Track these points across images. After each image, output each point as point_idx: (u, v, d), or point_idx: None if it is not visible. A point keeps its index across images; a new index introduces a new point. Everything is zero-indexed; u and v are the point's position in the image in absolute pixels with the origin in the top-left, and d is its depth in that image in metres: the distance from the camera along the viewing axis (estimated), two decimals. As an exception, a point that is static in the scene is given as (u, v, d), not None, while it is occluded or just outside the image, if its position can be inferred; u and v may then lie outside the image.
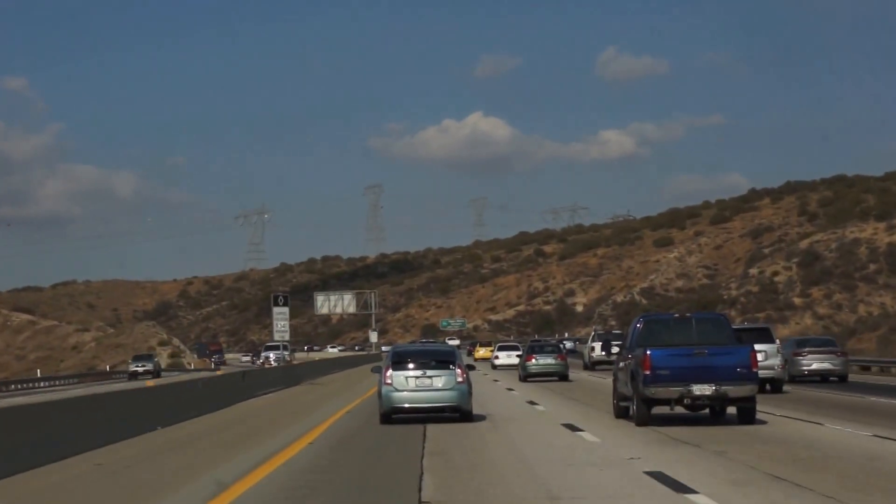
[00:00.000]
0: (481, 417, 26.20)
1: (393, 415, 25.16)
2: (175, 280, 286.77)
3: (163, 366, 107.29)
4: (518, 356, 63.42)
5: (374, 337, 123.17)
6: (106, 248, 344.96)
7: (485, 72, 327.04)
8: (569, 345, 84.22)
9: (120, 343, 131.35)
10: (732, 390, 23.23)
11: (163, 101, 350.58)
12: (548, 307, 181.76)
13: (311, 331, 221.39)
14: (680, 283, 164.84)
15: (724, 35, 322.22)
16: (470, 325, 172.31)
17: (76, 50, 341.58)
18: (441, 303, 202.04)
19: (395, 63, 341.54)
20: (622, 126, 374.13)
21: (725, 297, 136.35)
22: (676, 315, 26.26)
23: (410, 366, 25.42)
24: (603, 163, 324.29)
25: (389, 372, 25.30)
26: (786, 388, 37.64)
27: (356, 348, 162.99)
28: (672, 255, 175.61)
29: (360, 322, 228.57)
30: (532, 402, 32.74)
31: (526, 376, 51.09)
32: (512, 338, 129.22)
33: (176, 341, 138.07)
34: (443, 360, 25.63)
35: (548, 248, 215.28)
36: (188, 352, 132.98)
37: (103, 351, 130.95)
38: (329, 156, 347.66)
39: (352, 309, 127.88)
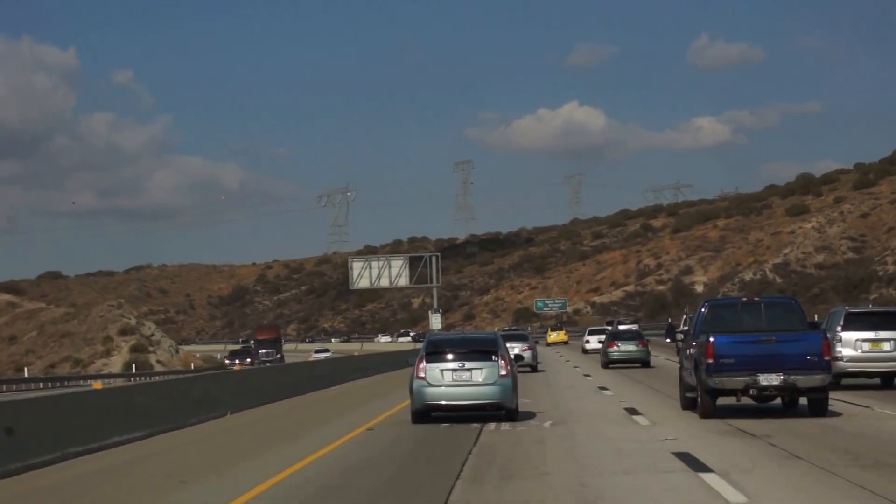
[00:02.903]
0: (530, 415, 23.65)
1: (427, 413, 22.66)
2: (254, 264, 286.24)
3: (118, 365, 73.63)
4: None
5: (435, 321, 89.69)
6: (186, 232, 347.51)
7: (579, 60, 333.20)
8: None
9: (69, 331, 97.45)
10: (801, 380, 21.81)
11: (265, 91, 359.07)
12: (661, 287, 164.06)
13: (390, 317, 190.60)
14: (820, 258, 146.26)
15: (819, 19, 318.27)
16: (569, 309, 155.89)
17: (179, 42, 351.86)
18: (536, 283, 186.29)
19: (490, 53, 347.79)
20: (716, 114, 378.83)
21: (881, 272, 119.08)
22: (744, 299, 24.89)
23: (447, 357, 22.62)
24: (697, 150, 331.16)
25: (423, 364, 22.58)
26: None
27: (414, 337, 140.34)
28: (809, 226, 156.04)
29: (441, 305, 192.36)
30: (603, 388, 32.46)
31: (608, 363, 50.77)
32: (623, 320, 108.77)
33: (151, 328, 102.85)
34: (484, 351, 22.77)
35: (656, 223, 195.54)
36: (173, 344, 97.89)
37: (44, 343, 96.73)
38: (423, 145, 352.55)
39: (403, 280, 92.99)
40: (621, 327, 75.01)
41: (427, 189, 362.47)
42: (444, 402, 22.51)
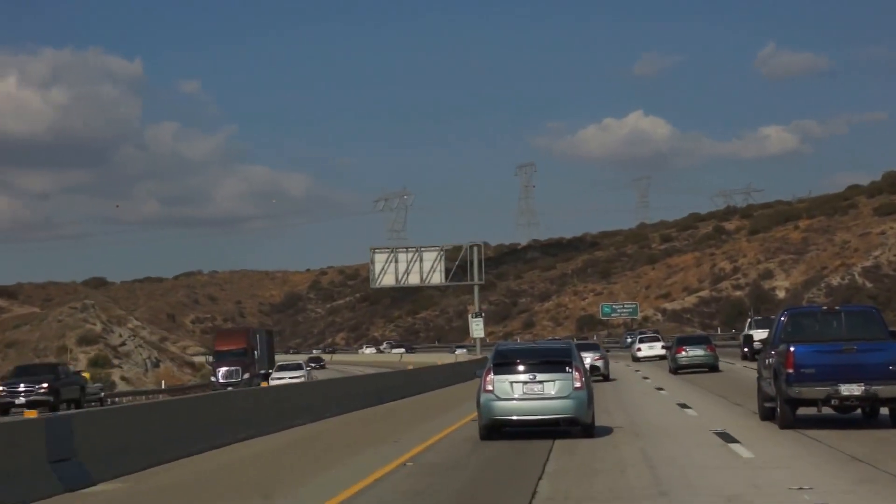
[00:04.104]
0: (607, 430, 23.11)
1: (496, 428, 21.89)
2: (308, 270, 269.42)
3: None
4: (663, 347, 67.36)
5: (476, 328, 74.73)
6: (246, 240, 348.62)
7: (644, 70, 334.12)
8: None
9: (17, 339, 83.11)
10: (883, 390, 21.70)
11: (330, 99, 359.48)
12: (739, 293, 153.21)
13: (444, 325, 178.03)
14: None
15: (885, 27, 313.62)
16: (639, 315, 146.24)
17: (244, 52, 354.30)
18: (601, 288, 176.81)
19: (556, 62, 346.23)
20: (783, 123, 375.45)
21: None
22: (824, 308, 24.49)
23: (517, 368, 21.72)
24: (763, 160, 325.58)
25: (490, 376, 21.73)
26: None
27: (455, 350, 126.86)
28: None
29: (499, 312, 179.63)
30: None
31: (676, 368, 52.00)
32: (696, 330, 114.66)
33: (123, 336, 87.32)
34: (556, 361, 21.87)
35: (729, 226, 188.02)
36: (151, 357, 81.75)
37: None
38: (487, 152, 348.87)
39: (438, 277, 78.59)
40: (641, 339, 74.92)
41: (488, 195, 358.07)
42: (514, 418, 21.72)
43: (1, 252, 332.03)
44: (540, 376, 21.37)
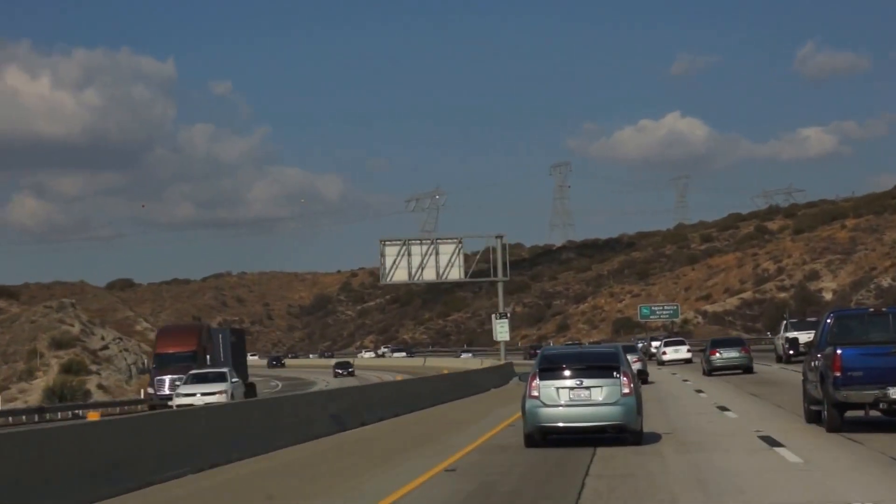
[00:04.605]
0: (656, 437, 22.75)
1: (542, 436, 21.60)
2: (338, 272, 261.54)
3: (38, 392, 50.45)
4: (688, 351, 68.75)
5: (500, 330, 67.98)
6: (279, 241, 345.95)
7: (681, 70, 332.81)
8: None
9: None
10: None
11: (364, 100, 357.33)
12: (783, 294, 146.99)
13: (477, 327, 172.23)
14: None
15: None
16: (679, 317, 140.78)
17: (277, 53, 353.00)
18: (638, 290, 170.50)
19: (592, 63, 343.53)
20: (822, 124, 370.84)
21: None
22: (871, 309, 25.02)
23: (563, 374, 21.35)
24: (802, 161, 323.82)
25: (536, 382, 21.33)
26: None
27: (461, 355, 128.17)
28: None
29: (533, 314, 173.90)
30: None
31: (711, 370, 52.49)
32: (735, 334, 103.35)
33: (106, 338, 79.15)
34: (604, 366, 21.41)
35: (772, 225, 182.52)
36: (139, 363, 73.32)
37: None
38: (522, 154, 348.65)
39: (456, 272, 71.84)
40: (655, 343, 74.29)
41: (522, 196, 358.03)
42: (560, 424, 21.26)
43: (35, 253, 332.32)
44: (587, 382, 21.00)
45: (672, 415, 29.13)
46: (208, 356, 52.55)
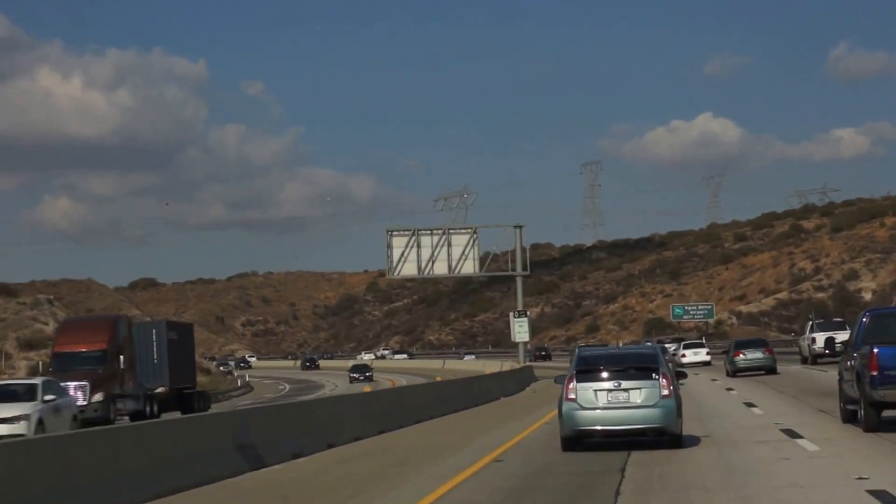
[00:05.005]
0: (695, 441, 22.22)
1: (578, 439, 21.25)
2: (366, 271, 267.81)
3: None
4: (707, 353, 69.05)
5: (519, 329, 62.82)
6: (310, 242, 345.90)
7: (713, 70, 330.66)
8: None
9: None
10: None
11: (396, 101, 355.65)
12: (821, 294, 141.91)
13: (504, 328, 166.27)
14: None
15: None
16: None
17: (308, 53, 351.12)
18: (671, 289, 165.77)
19: (623, 64, 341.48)
20: (856, 125, 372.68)
21: None
22: None
23: (601, 375, 20.95)
24: (836, 162, 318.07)
25: (573, 384, 20.94)
26: None
27: (464, 357, 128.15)
28: None
29: (562, 315, 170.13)
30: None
31: (734, 371, 52.87)
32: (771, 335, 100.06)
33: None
34: (643, 368, 21.00)
35: (808, 224, 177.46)
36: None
37: None
38: (553, 154, 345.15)
39: (471, 266, 66.83)
40: (686, 345, 75.03)
41: (552, 197, 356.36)
42: (598, 428, 20.92)
43: (66, 252, 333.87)
44: (625, 384, 20.69)
45: (703, 415, 28.66)
46: (122, 356, 41.77)
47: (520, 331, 64.32)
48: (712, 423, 26.42)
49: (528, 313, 62.89)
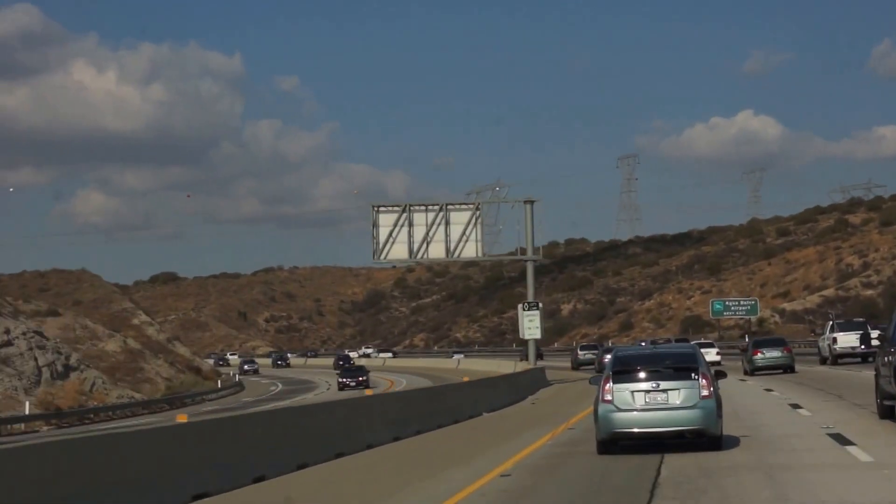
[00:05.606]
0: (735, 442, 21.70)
1: (614, 442, 20.82)
2: (394, 267, 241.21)
3: None
4: (717, 353, 66.23)
5: (530, 324, 54.59)
6: (337, 236, 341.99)
7: (754, 67, 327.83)
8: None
9: None
10: None
11: (432, 97, 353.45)
12: (870, 291, 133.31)
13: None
14: None
15: None
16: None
17: (344, 48, 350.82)
18: (709, 286, 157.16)
19: (663, 61, 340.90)
20: None
21: None
22: None
23: (638, 376, 20.54)
24: (878, 160, 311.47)
25: (609, 385, 20.56)
26: None
27: (454, 356, 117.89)
28: None
29: (595, 311, 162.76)
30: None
31: (753, 370, 52.51)
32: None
33: (7, 335, 61.15)
34: (681, 368, 20.59)
35: (854, 219, 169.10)
36: (46, 366, 57.66)
37: None
38: (591, 150, 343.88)
39: (473, 249, 58.72)
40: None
41: (589, 192, 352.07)
42: (636, 430, 20.50)
43: (98, 245, 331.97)
44: (664, 384, 20.29)
45: (742, 414, 28.33)
46: None
47: (530, 326, 55.32)
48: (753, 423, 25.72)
49: (541, 305, 54.38)
